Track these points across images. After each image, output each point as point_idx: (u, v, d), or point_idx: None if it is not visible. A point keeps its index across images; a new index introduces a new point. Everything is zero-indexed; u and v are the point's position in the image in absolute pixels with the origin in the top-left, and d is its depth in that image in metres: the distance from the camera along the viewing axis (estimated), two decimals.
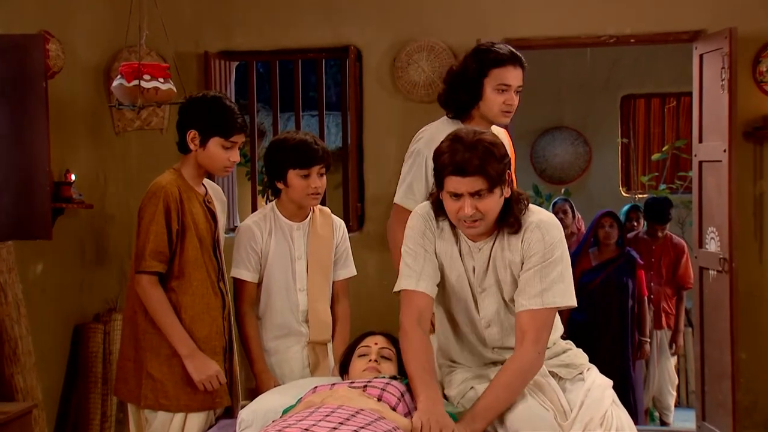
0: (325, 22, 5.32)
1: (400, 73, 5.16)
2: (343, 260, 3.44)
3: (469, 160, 2.44)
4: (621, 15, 5.00)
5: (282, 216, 3.34)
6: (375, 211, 5.28)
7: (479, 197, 2.48)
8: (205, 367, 3.04)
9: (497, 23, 5.11)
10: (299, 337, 3.32)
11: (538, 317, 2.55)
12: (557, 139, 8.28)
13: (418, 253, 2.67)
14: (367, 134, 5.31)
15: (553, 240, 2.58)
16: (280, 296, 3.31)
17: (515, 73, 3.22)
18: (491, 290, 2.67)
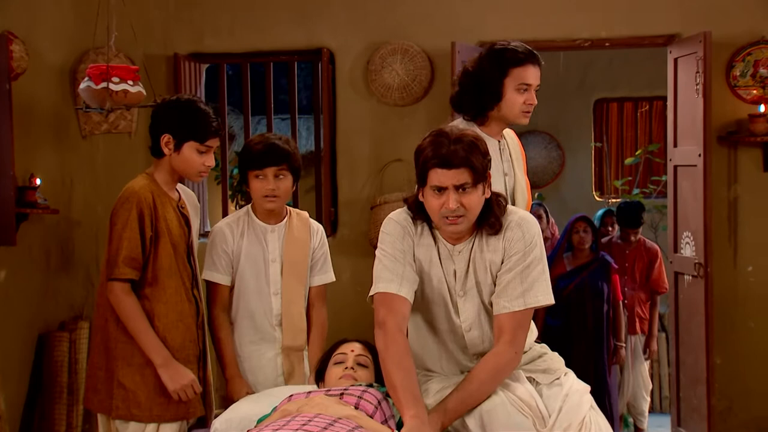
0: (297, 24, 5.32)
1: (374, 76, 5.18)
2: (320, 265, 3.42)
3: (454, 152, 2.46)
4: (596, 19, 5.06)
5: (256, 218, 3.33)
6: (349, 215, 5.28)
7: (463, 191, 2.50)
8: (180, 376, 3.02)
9: (472, 26, 5.15)
10: (273, 343, 3.30)
11: (517, 318, 2.58)
12: (530, 143, 8.31)
13: (397, 257, 2.65)
14: (340, 138, 5.32)
15: (533, 238, 2.61)
16: (253, 300, 3.30)
17: (534, 72, 3.19)
18: (471, 293, 2.68)
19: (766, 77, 4.91)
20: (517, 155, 3.35)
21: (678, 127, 4.97)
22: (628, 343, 5.87)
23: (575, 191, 8.36)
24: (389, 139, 5.23)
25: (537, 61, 3.20)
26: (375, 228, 4.97)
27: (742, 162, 4.99)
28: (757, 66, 4.91)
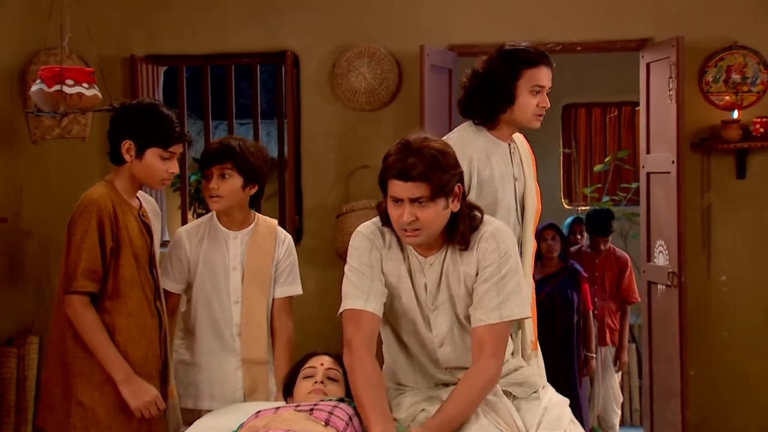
0: (260, 26, 5.28)
1: (340, 80, 5.15)
2: (286, 276, 3.37)
3: (413, 164, 2.44)
4: (567, 22, 5.09)
5: (220, 224, 3.30)
6: (314, 224, 5.25)
7: (420, 205, 2.47)
8: (143, 393, 2.96)
9: (441, 29, 5.15)
10: (233, 354, 3.27)
11: (496, 330, 2.56)
12: None
13: (364, 272, 2.64)
14: (304, 143, 5.29)
15: (508, 249, 2.60)
16: (214, 308, 3.27)
17: (547, 73, 3.16)
18: (444, 307, 2.66)
19: (738, 83, 4.97)
20: (527, 160, 3.34)
21: (651, 133, 5.00)
22: (598, 355, 5.89)
23: (543, 198, 8.27)
24: (356, 145, 5.20)
25: (549, 62, 3.19)
26: (341, 237, 4.94)
27: (715, 169, 5.04)
28: (730, 72, 4.97)
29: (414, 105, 4.94)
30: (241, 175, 3.22)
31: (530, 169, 3.33)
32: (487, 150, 3.19)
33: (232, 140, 3.25)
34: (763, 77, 4.95)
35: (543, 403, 2.70)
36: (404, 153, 2.47)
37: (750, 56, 4.95)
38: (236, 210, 3.29)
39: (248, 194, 3.28)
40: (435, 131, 4.76)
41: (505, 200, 3.20)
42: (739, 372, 5.08)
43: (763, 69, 4.95)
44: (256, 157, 3.25)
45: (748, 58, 4.96)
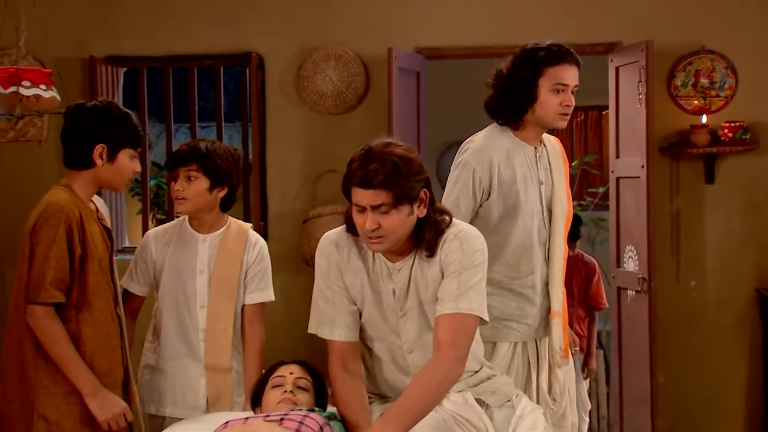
0: (223, 27, 5.25)
1: (306, 82, 5.14)
2: (257, 282, 3.34)
3: (374, 172, 2.44)
4: (536, 25, 5.11)
5: (190, 227, 3.30)
6: (279, 229, 5.23)
7: (382, 213, 2.47)
8: (111, 405, 2.93)
9: (409, 31, 5.16)
10: (197, 361, 3.25)
11: (455, 322, 2.53)
12: None
13: (328, 297, 2.68)
14: (270, 147, 5.26)
15: (473, 248, 2.59)
16: (180, 312, 3.25)
17: (571, 71, 3.18)
18: (413, 313, 2.66)
19: (706, 88, 5.03)
20: (558, 164, 3.34)
21: (620, 137, 5.05)
22: None
23: None
24: (322, 149, 5.19)
25: (573, 60, 3.20)
26: (308, 242, 4.93)
27: (684, 174, 5.10)
28: (698, 76, 5.04)
29: (382, 108, 4.95)
30: (208, 177, 3.20)
31: (561, 173, 3.34)
32: (510, 152, 3.23)
33: (201, 142, 3.24)
34: (730, 82, 5.02)
35: (517, 411, 2.69)
36: (366, 160, 2.47)
37: (718, 61, 5.02)
38: (205, 213, 3.27)
39: (216, 197, 3.25)
40: (403, 135, 4.87)
41: (528, 203, 3.24)
42: (708, 378, 5.15)
43: (730, 73, 5.02)
44: (224, 159, 3.23)
45: (716, 62, 5.02)
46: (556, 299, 3.31)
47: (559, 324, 3.29)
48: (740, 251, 5.10)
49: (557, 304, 3.30)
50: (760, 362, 5.09)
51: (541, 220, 3.28)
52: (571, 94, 3.20)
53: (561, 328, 3.29)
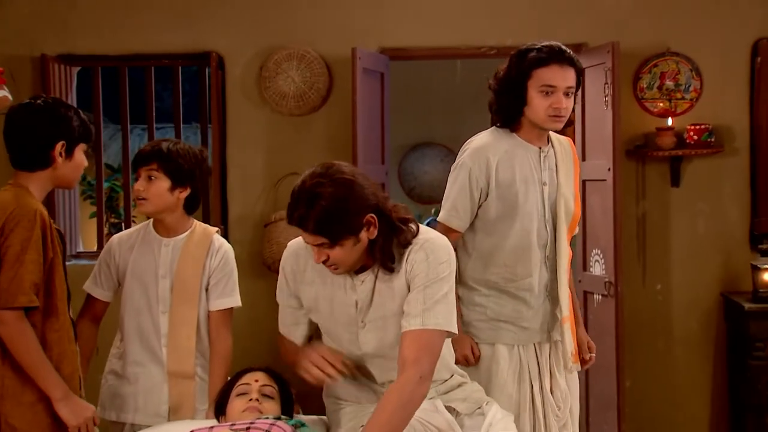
0: (182, 26, 5.23)
1: (268, 83, 5.13)
2: (223, 287, 3.34)
3: (304, 218, 2.48)
4: (502, 26, 5.16)
5: (154, 231, 3.31)
6: (240, 233, 5.22)
7: (327, 248, 2.53)
8: (81, 410, 2.92)
9: (373, 31, 5.18)
10: (160, 367, 3.26)
11: (421, 338, 2.55)
12: (426, 155, 8.42)
13: (285, 309, 2.85)
14: (230, 149, 5.25)
15: (439, 260, 2.61)
16: (143, 317, 3.26)
17: (561, 73, 3.18)
18: (374, 324, 2.67)
19: (672, 90, 5.11)
20: (566, 165, 3.36)
21: (586, 140, 5.10)
22: None
23: None
24: (284, 151, 5.19)
25: (565, 60, 3.20)
26: (270, 246, 4.92)
27: (650, 177, 5.17)
28: (663, 78, 5.11)
29: (345, 110, 4.96)
30: (168, 177, 3.20)
31: (568, 174, 3.36)
32: (509, 152, 3.28)
33: (164, 142, 3.25)
34: (695, 84, 5.10)
35: (488, 419, 2.72)
36: (297, 200, 2.51)
37: (683, 63, 5.10)
38: (167, 214, 3.27)
39: (179, 198, 3.25)
40: (367, 137, 4.89)
41: (528, 205, 3.27)
42: (674, 383, 5.22)
43: (695, 76, 5.10)
44: (187, 159, 3.23)
45: (681, 64, 5.10)
46: (564, 304, 3.33)
47: (569, 329, 3.33)
48: (705, 255, 5.18)
49: (565, 309, 3.33)
50: (724, 366, 5.17)
51: (542, 222, 3.31)
52: (566, 95, 3.20)
53: (571, 332, 3.33)
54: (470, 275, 3.38)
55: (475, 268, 3.37)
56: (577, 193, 3.40)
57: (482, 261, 3.35)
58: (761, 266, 4.82)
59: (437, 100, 8.41)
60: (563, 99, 3.19)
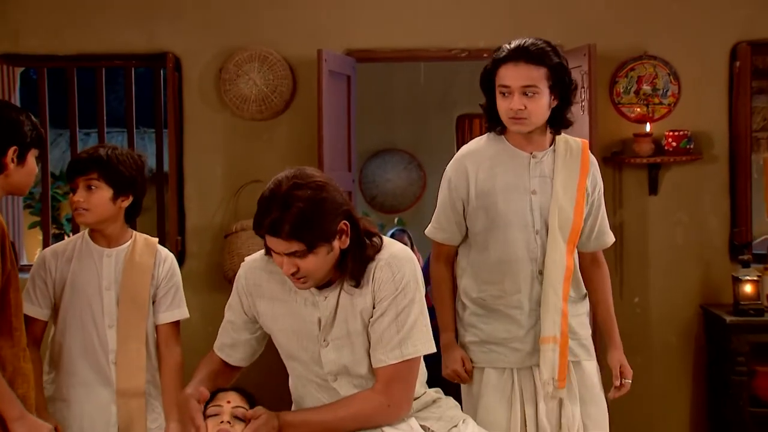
0: (136, 24, 5.18)
1: (228, 86, 5.09)
2: (171, 299, 3.33)
3: (279, 222, 2.43)
4: (474, 28, 5.18)
5: (92, 241, 3.26)
6: (198, 245, 5.17)
7: (298, 258, 2.48)
8: (38, 428, 2.86)
9: (339, 32, 5.17)
10: (107, 386, 3.21)
11: (399, 371, 2.56)
12: (388, 162, 8.43)
13: (227, 326, 2.81)
14: (188, 156, 5.20)
15: (406, 279, 2.57)
16: (86, 333, 3.20)
17: (515, 72, 3.11)
18: (338, 343, 2.64)
19: (649, 95, 5.15)
20: (568, 171, 3.26)
21: None
22: None
23: None
24: (246, 158, 5.16)
25: (522, 58, 3.11)
26: (230, 258, 4.88)
27: (627, 184, 5.20)
28: (640, 82, 5.15)
29: (309, 114, 4.94)
30: (110, 186, 3.16)
31: (569, 181, 3.25)
32: (493, 159, 3.25)
33: (101, 148, 3.20)
34: (673, 89, 5.15)
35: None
36: (270, 206, 2.45)
37: (660, 67, 5.15)
38: (109, 224, 3.23)
39: (121, 207, 3.22)
40: (333, 143, 4.86)
41: (510, 215, 3.22)
42: (652, 398, 5.24)
43: (673, 80, 5.15)
44: (128, 166, 3.20)
45: (658, 68, 5.15)
46: (548, 323, 3.22)
47: (551, 350, 3.21)
48: (684, 266, 5.22)
49: (548, 329, 3.22)
50: (703, 381, 5.22)
51: (531, 233, 3.23)
52: (525, 95, 3.11)
53: (556, 354, 3.21)
54: (466, 293, 3.34)
55: (468, 285, 3.33)
56: (579, 200, 3.26)
57: (474, 277, 3.32)
58: (742, 278, 4.85)
59: (400, 104, 8.44)
60: (518, 99, 3.10)
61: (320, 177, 2.53)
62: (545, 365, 3.21)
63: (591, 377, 3.34)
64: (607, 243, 3.46)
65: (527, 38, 3.19)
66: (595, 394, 3.35)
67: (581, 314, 3.37)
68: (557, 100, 3.19)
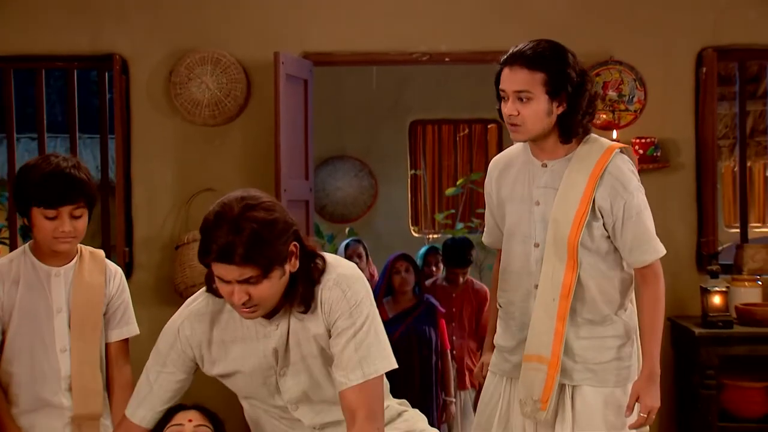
0: (79, 24, 5.16)
1: (179, 89, 5.08)
2: (121, 315, 3.29)
3: (231, 246, 2.39)
4: (436, 31, 5.24)
5: (37, 259, 3.17)
6: (147, 256, 5.15)
7: (252, 284, 2.45)
8: None
9: (295, 34, 5.19)
10: (60, 413, 3.16)
11: (366, 390, 2.55)
12: (339, 170, 8.45)
13: (149, 376, 2.77)
14: (136, 163, 5.18)
15: (358, 297, 2.58)
16: (36, 359, 3.13)
17: (509, 76, 3.13)
18: (295, 368, 2.65)
19: (615, 101, 5.25)
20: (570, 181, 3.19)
21: None
22: (457, 399, 6.03)
23: (390, 226, 8.55)
24: (197, 165, 5.16)
25: (516, 62, 3.13)
26: (182, 271, 4.86)
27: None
28: (606, 88, 5.24)
29: (264, 120, 4.96)
30: (89, 210, 3.12)
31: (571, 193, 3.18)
32: (510, 166, 3.33)
33: (72, 169, 3.06)
34: (639, 95, 5.25)
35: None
36: (219, 231, 2.40)
37: (626, 72, 5.25)
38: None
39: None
40: (291, 149, 4.87)
41: (513, 225, 3.29)
42: None
43: (639, 86, 5.25)
44: (93, 183, 3.14)
45: (624, 74, 5.25)
46: (533, 341, 3.22)
47: (533, 369, 3.21)
48: None
49: (532, 347, 3.22)
50: (671, 395, 5.31)
51: (531, 246, 3.25)
52: (520, 100, 3.12)
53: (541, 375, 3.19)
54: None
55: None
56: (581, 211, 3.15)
57: (499, 282, 3.45)
58: (711, 289, 4.96)
59: (350, 110, 8.46)
60: (512, 105, 3.12)
61: (267, 197, 2.51)
62: (523, 383, 3.24)
63: (592, 404, 3.24)
64: (646, 261, 3.23)
65: (537, 40, 3.20)
66: (594, 422, 3.24)
67: (601, 337, 3.26)
68: (562, 107, 3.16)
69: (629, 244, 3.20)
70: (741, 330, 4.95)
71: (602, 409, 3.23)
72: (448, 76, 8.21)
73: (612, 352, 3.25)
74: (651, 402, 3.19)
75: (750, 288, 5.19)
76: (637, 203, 3.20)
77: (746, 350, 4.95)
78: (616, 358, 3.25)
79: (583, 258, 3.18)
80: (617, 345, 3.25)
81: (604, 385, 3.24)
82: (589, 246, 3.19)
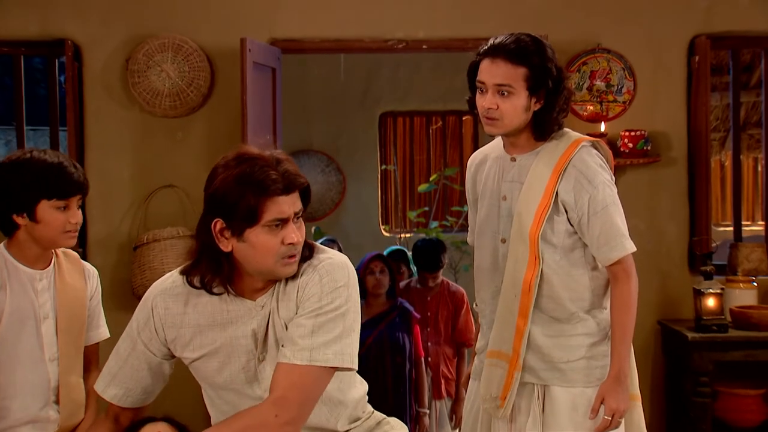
0: (27, 7, 5.13)
1: (137, 78, 5.07)
2: (96, 318, 3.33)
3: (288, 173, 2.47)
4: (413, 17, 5.27)
5: (19, 263, 3.14)
6: (102, 257, 5.14)
7: (298, 219, 2.52)
8: None
9: (262, 19, 5.20)
10: (45, 423, 3.15)
11: (300, 376, 2.52)
12: (304, 165, 8.44)
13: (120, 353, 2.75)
14: (90, 157, 5.17)
15: (335, 284, 2.57)
16: (23, 371, 3.12)
17: (489, 68, 3.19)
18: (272, 354, 2.63)
19: (603, 91, 5.30)
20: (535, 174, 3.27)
21: None
22: (432, 410, 6.04)
23: (359, 224, 8.56)
24: (157, 159, 5.16)
25: (499, 54, 3.18)
26: (141, 272, 4.85)
27: None
28: (593, 77, 5.29)
29: (229, 110, 4.97)
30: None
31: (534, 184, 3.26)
32: (484, 161, 3.44)
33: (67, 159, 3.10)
34: (628, 85, 5.31)
35: None
36: (267, 164, 2.46)
37: (614, 61, 5.30)
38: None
39: None
40: (258, 142, 4.86)
41: (482, 221, 3.40)
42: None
43: (628, 75, 5.31)
44: None
45: (612, 62, 5.30)
46: (496, 337, 3.33)
47: (494, 365, 3.32)
48: (641, 278, 5.13)
49: (494, 343, 3.34)
50: (662, 403, 5.38)
51: (498, 241, 3.35)
52: (499, 94, 3.18)
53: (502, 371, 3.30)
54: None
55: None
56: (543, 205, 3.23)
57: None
58: (705, 291, 5.01)
59: (316, 100, 8.46)
60: (491, 98, 3.19)
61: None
62: (484, 380, 3.34)
63: (560, 405, 3.31)
64: (612, 258, 3.24)
65: (517, 33, 3.24)
66: (560, 422, 3.31)
67: (568, 335, 3.31)
68: (539, 104, 3.23)
69: (596, 241, 3.25)
70: (736, 334, 5.01)
71: (569, 409, 3.30)
72: (420, 65, 8.23)
73: (581, 350, 3.31)
74: (615, 404, 3.20)
75: (745, 290, 5.26)
76: (603, 198, 3.24)
77: (742, 356, 5.00)
78: (586, 357, 3.31)
79: (546, 253, 3.26)
80: (587, 344, 3.31)
81: (572, 384, 3.30)
82: (551, 241, 3.26)
